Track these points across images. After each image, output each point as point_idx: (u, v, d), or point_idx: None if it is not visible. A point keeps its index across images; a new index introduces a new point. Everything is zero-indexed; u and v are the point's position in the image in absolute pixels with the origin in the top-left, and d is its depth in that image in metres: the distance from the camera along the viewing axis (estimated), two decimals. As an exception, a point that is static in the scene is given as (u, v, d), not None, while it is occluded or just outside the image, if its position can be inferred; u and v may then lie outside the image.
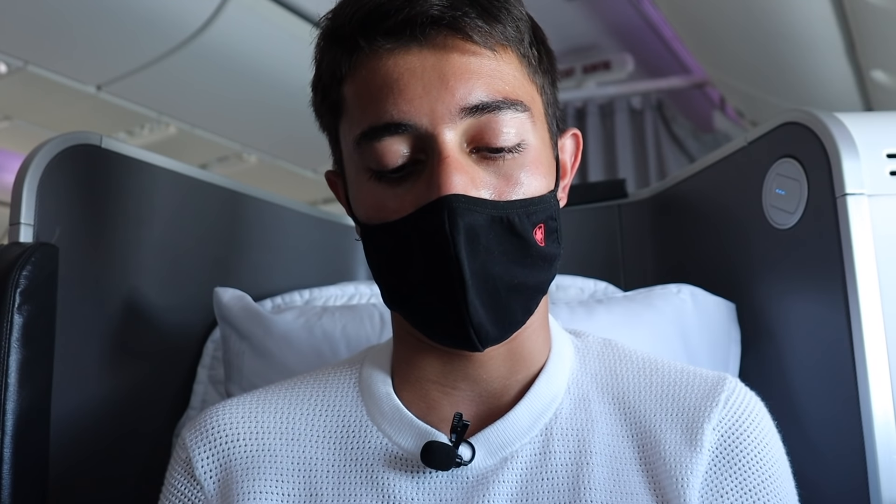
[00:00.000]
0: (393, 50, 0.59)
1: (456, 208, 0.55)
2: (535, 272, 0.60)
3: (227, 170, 3.22)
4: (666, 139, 3.00)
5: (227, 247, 1.12)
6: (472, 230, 0.56)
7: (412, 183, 0.59)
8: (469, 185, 0.57)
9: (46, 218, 0.84)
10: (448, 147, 0.57)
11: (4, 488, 0.75)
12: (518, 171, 0.60)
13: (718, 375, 0.68)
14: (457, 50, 0.59)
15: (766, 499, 0.61)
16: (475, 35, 0.58)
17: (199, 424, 0.69)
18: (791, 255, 0.88)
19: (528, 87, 0.63)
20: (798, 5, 1.87)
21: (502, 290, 0.58)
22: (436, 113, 0.58)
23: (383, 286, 0.63)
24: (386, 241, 0.60)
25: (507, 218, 0.58)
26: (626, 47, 3.02)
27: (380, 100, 0.59)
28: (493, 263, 0.57)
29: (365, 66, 0.60)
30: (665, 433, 0.64)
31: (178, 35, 2.24)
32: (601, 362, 0.70)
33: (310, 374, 0.73)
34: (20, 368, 0.77)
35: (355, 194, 0.64)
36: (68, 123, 2.71)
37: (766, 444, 0.64)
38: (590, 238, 1.28)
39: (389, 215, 0.59)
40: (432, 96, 0.58)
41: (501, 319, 0.59)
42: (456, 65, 0.58)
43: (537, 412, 0.65)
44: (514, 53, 0.62)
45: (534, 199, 0.60)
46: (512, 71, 0.61)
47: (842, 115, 0.83)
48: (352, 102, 0.62)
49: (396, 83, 0.58)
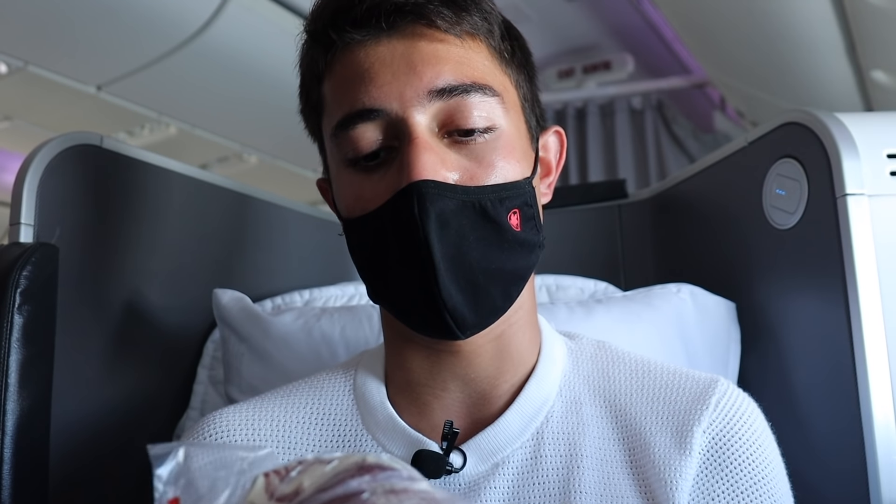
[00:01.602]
0: (363, 41, 0.61)
1: (425, 193, 0.56)
2: (513, 257, 0.61)
3: (227, 170, 3.21)
4: (666, 139, 3.00)
5: (227, 247, 1.12)
6: (442, 215, 0.57)
7: (386, 170, 0.60)
8: (439, 165, 0.58)
9: (47, 218, 0.84)
10: (418, 129, 0.59)
11: (4, 488, 0.75)
12: (490, 154, 0.61)
13: (710, 378, 0.67)
14: (424, 38, 0.60)
15: (757, 501, 0.61)
16: (440, 21, 0.60)
17: (197, 431, 0.69)
18: (791, 255, 0.88)
19: (500, 77, 0.64)
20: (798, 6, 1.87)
21: (479, 275, 0.58)
22: (405, 96, 0.59)
23: (365, 278, 0.64)
24: (364, 232, 0.61)
25: (479, 203, 0.59)
26: (626, 47, 3.02)
27: (352, 90, 0.60)
28: (467, 248, 0.58)
29: (339, 60, 0.62)
30: (655, 436, 0.63)
31: (178, 35, 2.24)
32: (593, 365, 0.70)
33: (306, 380, 0.73)
34: (20, 368, 0.77)
35: (336, 189, 0.65)
36: (68, 123, 2.71)
37: (757, 447, 0.63)
38: (590, 238, 1.28)
39: (366, 204, 0.60)
40: (401, 81, 0.59)
41: (479, 304, 0.59)
42: (424, 51, 0.60)
43: (528, 417, 0.65)
44: (483, 44, 0.63)
45: (506, 184, 0.60)
46: (481, 59, 0.62)
47: (842, 116, 0.83)
48: (330, 98, 0.64)
49: (367, 72, 0.60)
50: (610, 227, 1.28)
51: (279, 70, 2.45)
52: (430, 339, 0.63)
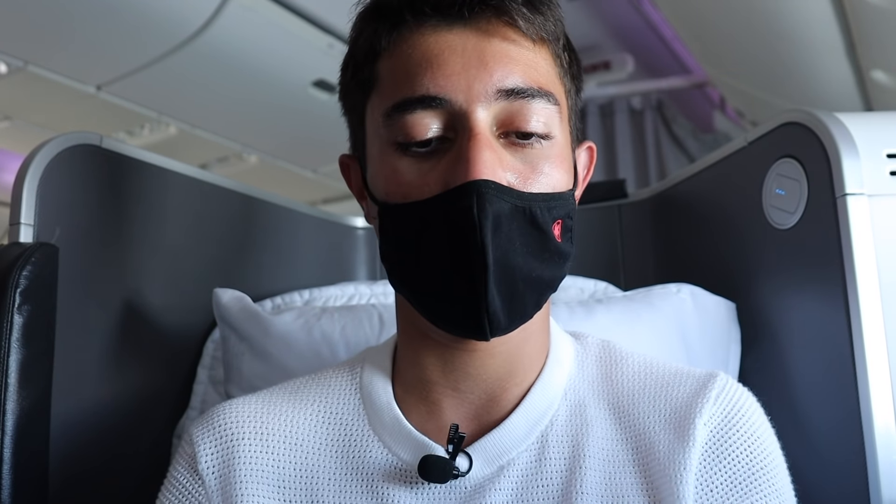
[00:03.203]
0: (437, 26, 0.60)
1: (485, 193, 0.56)
2: (551, 267, 0.61)
3: (227, 170, 3.21)
4: (666, 139, 3.00)
5: (227, 247, 1.12)
6: (497, 218, 0.56)
7: (438, 160, 0.59)
8: (497, 164, 0.58)
9: (46, 218, 0.84)
10: (480, 125, 0.58)
11: (4, 488, 0.75)
12: (543, 161, 0.61)
13: (709, 372, 0.68)
14: (498, 35, 0.60)
15: (756, 492, 0.61)
16: (520, 21, 0.60)
17: (207, 420, 0.69)
18: (791, 255, 0.88)
19: (559, 86, 0.64)
20: (798, 6, 1.87)
21: (520, 282, 0.58)
22: (472, 90, 0.59)
23: (397, 266, 0.62)
24: (404, 220, 0.60)
25: (529, 209, 0.59)
26: (626, 47, 3.02)
27: (417, 74, 0.60)
28: (514, 254, 0.58)
29: (406, 41, 0.62)
30: (659, 433, 0.64)
31: (178, 35, 2.24)
32: (598, 366, 0.71)
33: (312, 377, 0.73)
34: (20, 369, 0.77)
35: (377, 170, 0.63)
36: (68, 123, 2.71)
37: (757, 438, 0.64)
38: (590, 238, 1.28)
39: (411, 191, 0.59)
40: (470, 74, 0.59)
41: (514, 310, 0.59)
42: (496, 48, 0.60)
43: (533, 420, 0.65)
44: (549, 50, 0.63)
45: (555, 194, 0.61)
46: (546, 66, 0.63)
47: (842, 115, 0.83)
48: (386, 77, 0.63)
49: (437, 58, 0.59)
50: (610, 227, 1.28)
51: (279, 70, 2.46)
52: (451, 336, 0.63)
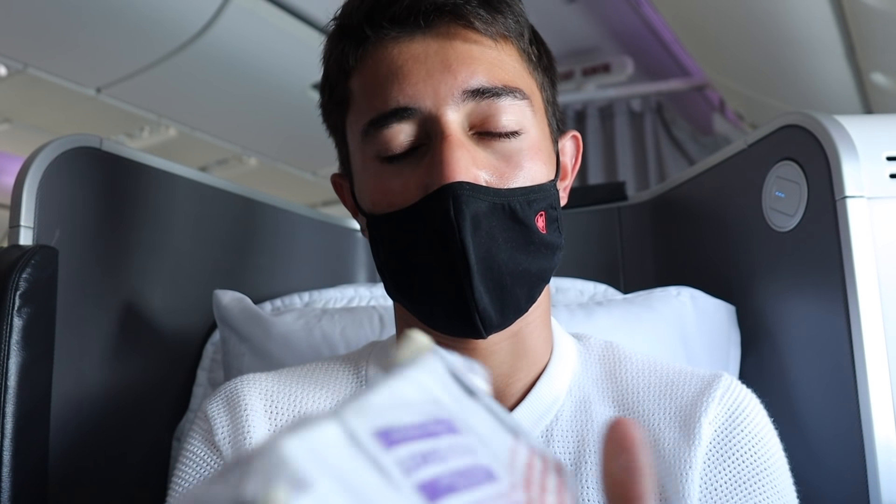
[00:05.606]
0: (398, 38, 0.61)
1: (461, 195, 0.57)
2: (538, 259, 0.61)
3: (226, 172, 3.21)
4: (666, 142, 3.00)
5: (226, 249, 1.11)
6: (476, 217, 0.57)
7: (417, 165, 0.60)
8: (471, 164, 0.58)
9: (46, 220, 0.84)
10: (451, 126, 0.59)
11: (4, 490, 0.75)
12: (518, 155, 0.61)
13: (714, 373, 0.69)
14: (459, 37, 0.61)
15: (759, 491, 0.62)
16: (477, 23, 0.61)
17: (221, 394, 0.69)
18: (791, 257, 0.88)
19: (528, 80, 0.65)
20: (797, 8, 1.88)
21: (507, 277, 0.59)
22: (439, 94, 0.59)
23: (389, 275, 0.63)
24: (390, 229, 0.61)
25: (508, 205, 0.59)
26: (625, 50, 3.02)
27: (385, 87, 0.61)
28: (496, 250, 0.58)
29: (371, 56, 0.63)
30: (664, 431, 0.64)
31: (177, 38, 2.24)
32: (602, 365, 0.71)
33: (321, 364, 0.73)
34: (20, 371, 0.77)
35: (361, 184, 0.65)
36: (68, 126, 2.71)
37: (760, 438, 0.64)
38: (589, 241, 1.28)
39: (395, 199, 0.60)
40: (435, 79, 0.60)
41: (505, 306, 0.59)
42: (459, 51, 0.61)
43: (538, 414, 0.65)
44: (514, 46, 0.64)
45: (534, 186, 0.61)
46: (512, 62, 0.63)
47: (841, 118, 0.83)
48: (359, 94, 0.64)
49: (401, 69, 0.60)
50: (609, 229, 1.28)
51: (279, 73, 2.46)
52: (448, 337, 0.63)
